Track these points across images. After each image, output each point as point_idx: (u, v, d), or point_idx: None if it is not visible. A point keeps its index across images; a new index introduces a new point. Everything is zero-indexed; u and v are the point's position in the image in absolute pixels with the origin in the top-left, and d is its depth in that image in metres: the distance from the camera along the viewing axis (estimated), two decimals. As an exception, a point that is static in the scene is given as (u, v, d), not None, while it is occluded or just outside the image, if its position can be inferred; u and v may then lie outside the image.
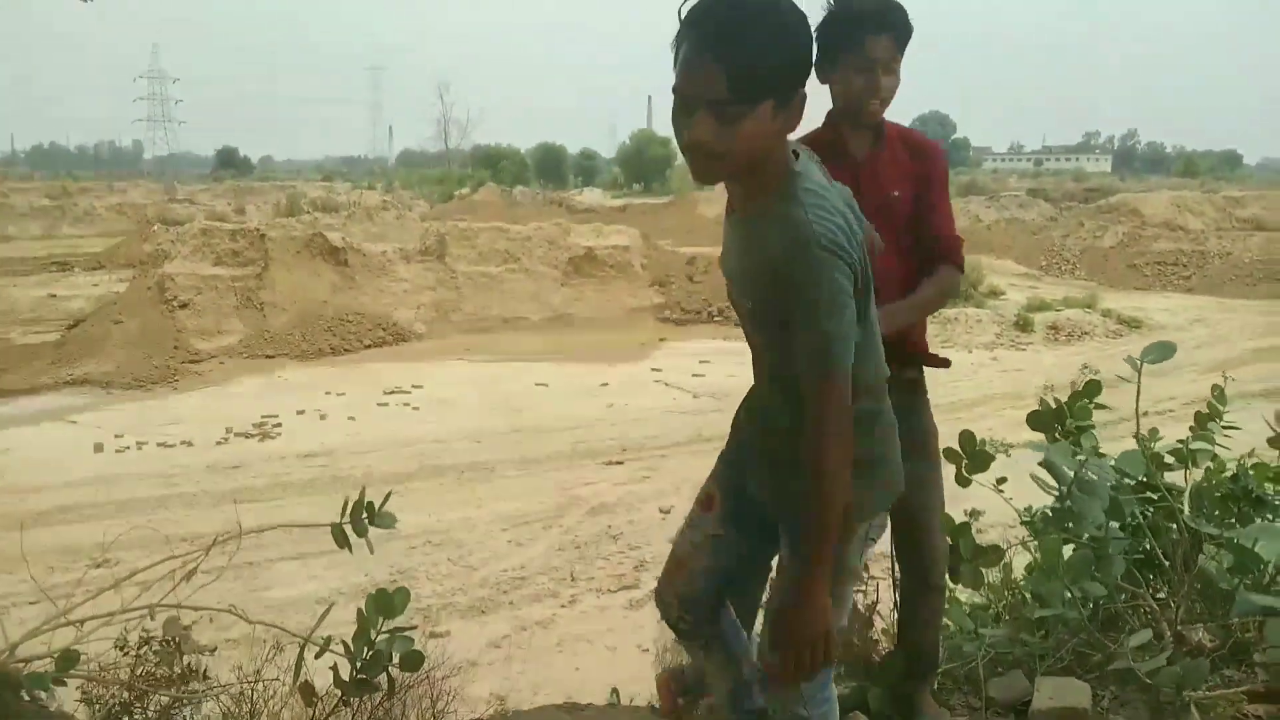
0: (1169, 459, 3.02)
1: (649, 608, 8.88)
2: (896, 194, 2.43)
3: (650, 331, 22.54)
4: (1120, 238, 35.61)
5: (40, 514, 10.52)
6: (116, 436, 14.01)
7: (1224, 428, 3.17)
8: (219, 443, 13.67)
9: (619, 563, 9.62)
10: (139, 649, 2.49)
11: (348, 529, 2.69)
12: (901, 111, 2.84)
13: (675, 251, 27.51)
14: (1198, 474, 3.12)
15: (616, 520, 10.66)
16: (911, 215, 2.46)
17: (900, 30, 2.31)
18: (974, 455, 2.90)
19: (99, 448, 13.42)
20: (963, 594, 3.10)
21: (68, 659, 2.30)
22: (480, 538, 10.18)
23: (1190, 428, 3.12)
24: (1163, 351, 2.67)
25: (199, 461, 12.77)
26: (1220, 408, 3.21)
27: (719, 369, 17.11)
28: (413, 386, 16.83)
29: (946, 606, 2.92)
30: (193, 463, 12.72)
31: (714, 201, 39.06)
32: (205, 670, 2.53)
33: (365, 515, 2.68)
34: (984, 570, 2.94)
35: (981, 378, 17.68)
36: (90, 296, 25.96)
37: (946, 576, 2.70)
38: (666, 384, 16.80)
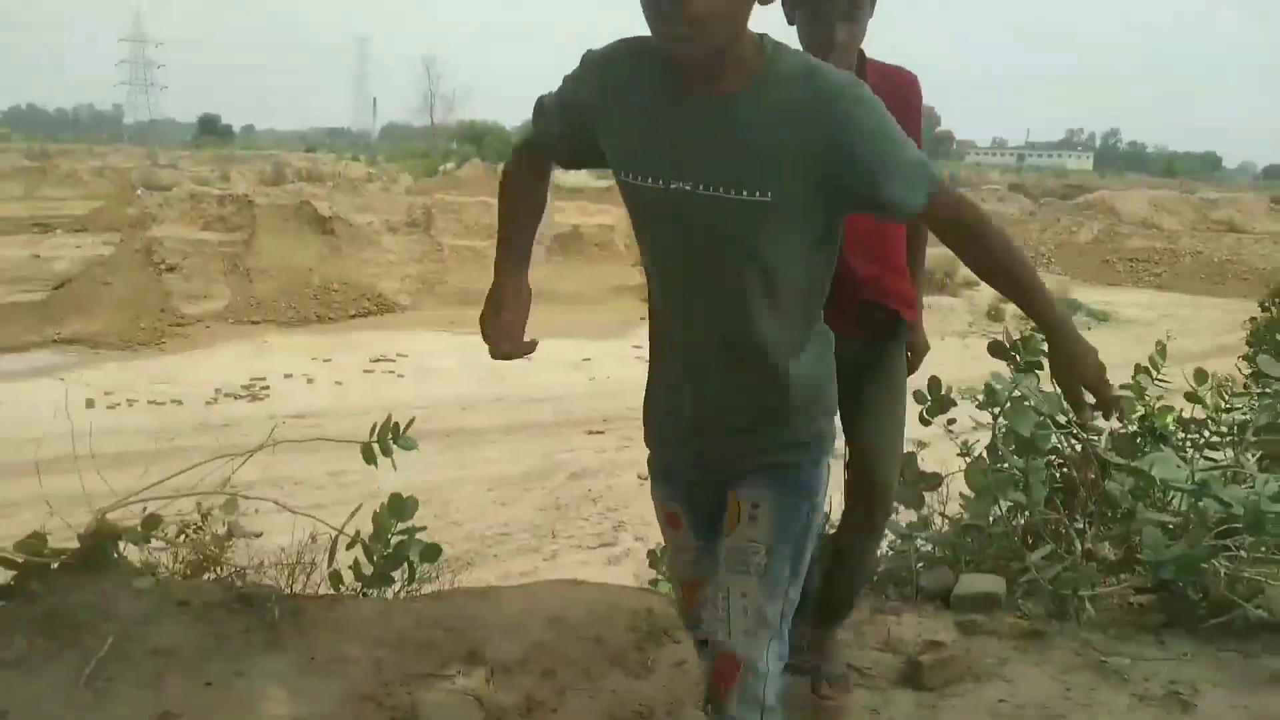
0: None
1: (625, 563, 9.35)
2: None
3: (632, 310, 22.95)
4: (1096, 234, 36.32)
5: (36, 464, 10.83)
6: (106, 394, 14.29)
7: (1156, 381, 3.67)
8: (208, 403, 13.99)
9: (598, 523, 10.08)
10: (203, 522, 2.91)
11: (375, 447, 3.11)
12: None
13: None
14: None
15: (597, 484, 11.11)
16: None
17: None
18: (937, 399, 3.35)
19: (90, 403, 13.69)
20: (906, 515, 3.55)
21: (152, 521, 2.73)
22: (466, 496, 10.59)
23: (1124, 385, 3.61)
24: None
25: (190, 419, 13.10)
26: (1160, 361, 3.71)
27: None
28: (398, 355, 17.18)
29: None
30: (184, 420, 13.05)
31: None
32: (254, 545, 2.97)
33: (390, 437, 3.11)
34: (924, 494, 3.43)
35: (952, 364, 18.22)
36: (74, 258, 25.96)
37: (889, 515, 2.56)
38: (647, 360, 17.23)
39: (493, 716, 2.27)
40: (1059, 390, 1.67)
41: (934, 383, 3.37)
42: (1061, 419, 3.36)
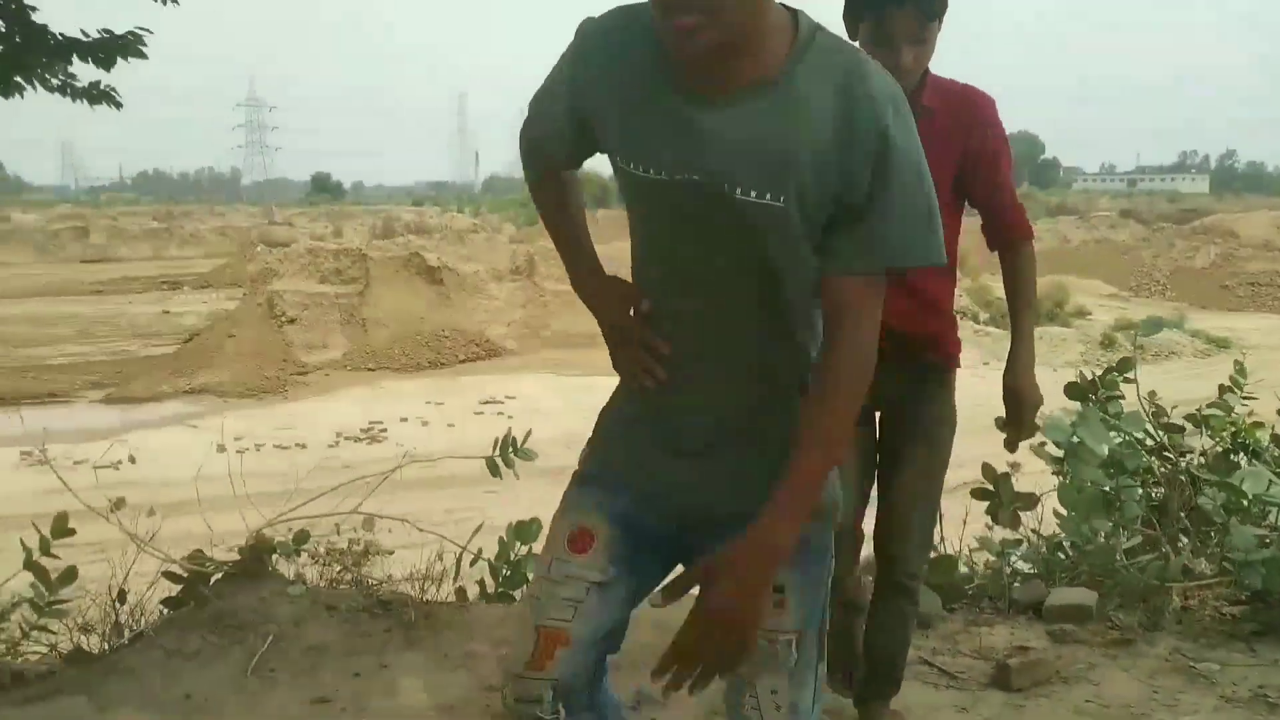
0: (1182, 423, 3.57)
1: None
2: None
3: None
4: (1213, 258, 35.01)
5: (174, 504, 11.62)
6: (236, 439, 15.13)
7: (1243, 398, 3.71)
8: (330, 445, 14.71)
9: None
10: (343, 539, 3.25)
11: (498, 460, 3.43)
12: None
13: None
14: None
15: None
16: (943, 190, 1.98)
17: (925, 3, 1.98)
18: (1009, 499, 3.24)
19: (220, 448, 14.54)
20: (1001, 533, 3.65)
21: (301, 537, 3.08)
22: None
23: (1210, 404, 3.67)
24: (1154, 326, 3.23)
25: (314, 461, 13.79)
26: (1241, 380, 3.75)
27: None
28: (506, 397, 17.74)
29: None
30: (308, 462, 13.73)
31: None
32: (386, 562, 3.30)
33: (512, 450, 3.42)
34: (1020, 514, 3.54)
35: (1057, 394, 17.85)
36: (201, 313, 27.63)
37: (917, 581, 2.33)
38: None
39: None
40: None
41: (1002, 480, 3.26)
42: (1150, 441, 3.45)
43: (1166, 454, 3.51)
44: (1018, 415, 2.23)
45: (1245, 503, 3.16)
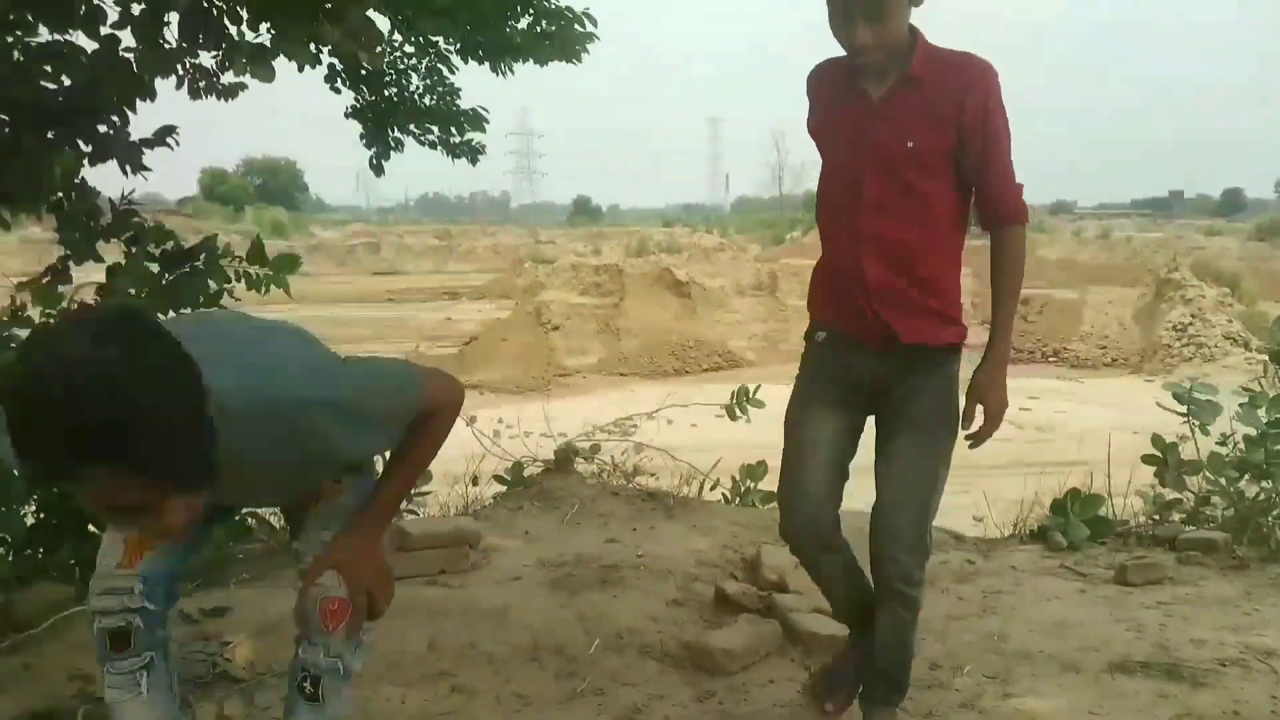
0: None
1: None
2: (911, 144, 1.99)
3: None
4: None
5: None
6: (507, 427, 17.16)
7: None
8: (583, 435, 16.37)
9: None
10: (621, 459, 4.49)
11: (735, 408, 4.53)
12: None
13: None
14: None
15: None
16: (938, 166, 2.01)
17: None
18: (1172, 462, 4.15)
19: (496, 434, 16.61)
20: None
21: (595, 448, 4.31)
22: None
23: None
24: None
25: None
26: None
27: (1047, 405, 17.79)
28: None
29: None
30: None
31: (1056, 245, 38.25)
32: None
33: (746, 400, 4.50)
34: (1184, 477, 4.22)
35: None
36: (477, 320, 30.73)
37: (914, 587, 2.12)
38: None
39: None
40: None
41: (1170, 448, 4.11)
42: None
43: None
44: (988, 418, 2.09)
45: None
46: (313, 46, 3.73)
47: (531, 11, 4.34)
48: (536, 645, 2.70)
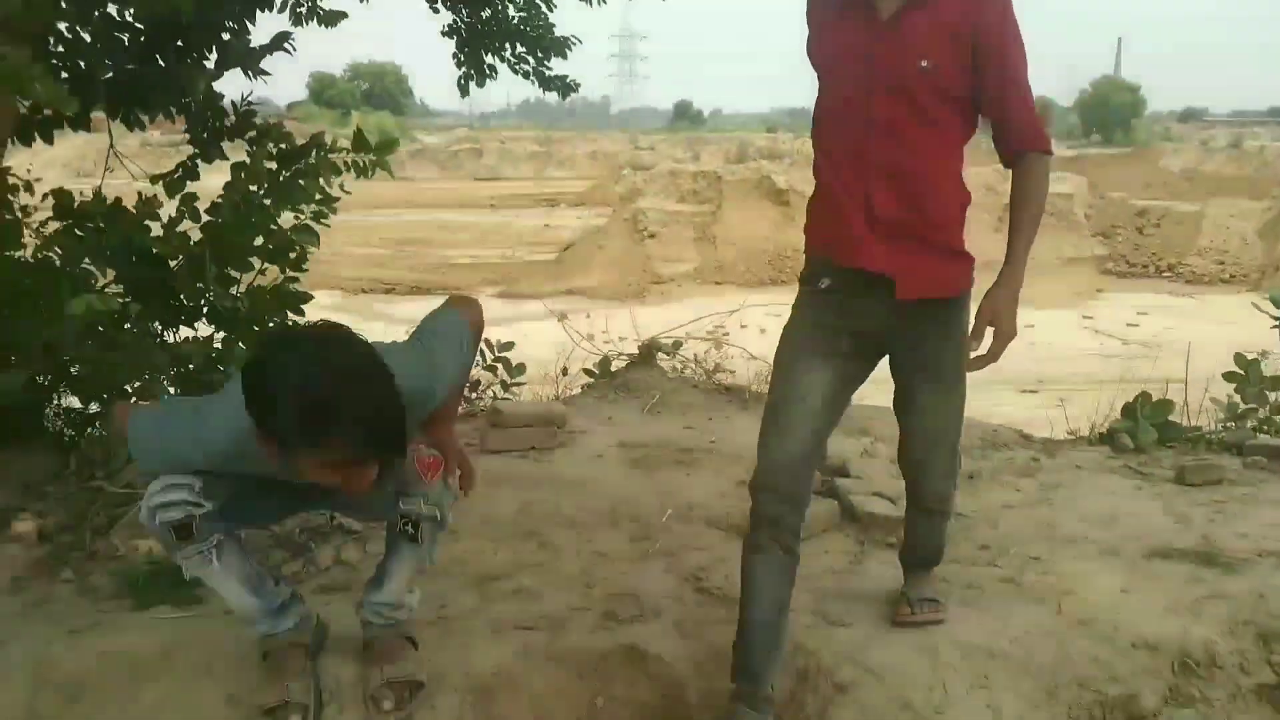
0: None
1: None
2: (926, 64, 1.92)
3: (1088, 281, 22.50)
4: None
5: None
6: (603, 333, 17.54)
7: None
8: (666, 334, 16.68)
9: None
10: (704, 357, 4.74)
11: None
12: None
13: (1126, 202, 26.68)
14: None
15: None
16: (952, 89, 1.95)
17: None
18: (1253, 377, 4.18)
19: (590, 338, 17.01)
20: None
21: (676, 345, 4.57)
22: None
23: None
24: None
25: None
26: None
27: (1156, 320, 17.31)
28: (840, 313, 18.81)
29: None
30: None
31: (1180, 154, 36.38)
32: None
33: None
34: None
35: None
36: (575, 227, 30.98)
37: (947, 503, 2.40)
38: (1096, 330, 17.14)
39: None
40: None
41: (1252, 364, 4.20)
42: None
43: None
44: (995, 343, 2.05)
45: None
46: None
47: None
48: (614, 512, 3.01)
